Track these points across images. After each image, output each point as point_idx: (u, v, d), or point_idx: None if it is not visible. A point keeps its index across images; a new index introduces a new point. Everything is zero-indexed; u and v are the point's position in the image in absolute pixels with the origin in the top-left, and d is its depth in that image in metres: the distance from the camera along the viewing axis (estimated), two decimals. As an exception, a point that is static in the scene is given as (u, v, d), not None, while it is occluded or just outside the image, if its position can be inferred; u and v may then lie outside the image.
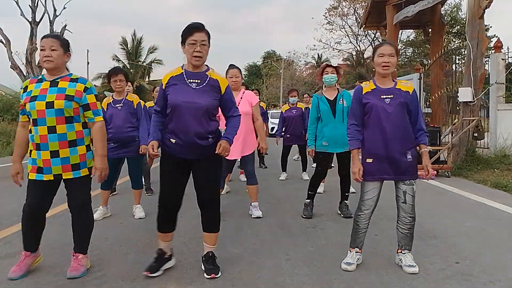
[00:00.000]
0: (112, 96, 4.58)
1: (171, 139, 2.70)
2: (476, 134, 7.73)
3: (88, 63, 26.70)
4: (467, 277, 2.80)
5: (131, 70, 33.71)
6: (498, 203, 5.01)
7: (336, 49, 28.31)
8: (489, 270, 2.90)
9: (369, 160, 2.93)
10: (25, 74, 21.32)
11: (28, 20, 21.27)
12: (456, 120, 8.99)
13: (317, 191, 6.97)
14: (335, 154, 4.58)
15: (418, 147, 2.96)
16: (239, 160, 4.61)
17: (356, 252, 3.07)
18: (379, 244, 3.50)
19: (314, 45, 43.59)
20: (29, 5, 21.22)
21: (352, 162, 3.04)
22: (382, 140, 2.86)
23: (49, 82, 2.79)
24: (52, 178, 2.77)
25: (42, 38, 2.83)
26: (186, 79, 2.70)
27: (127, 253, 3.31)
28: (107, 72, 4.65)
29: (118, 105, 4.47)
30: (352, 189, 4.98)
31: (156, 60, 36.35)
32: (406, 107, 2.88)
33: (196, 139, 2.66)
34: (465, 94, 7.88)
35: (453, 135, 8.26)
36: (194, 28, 2.63)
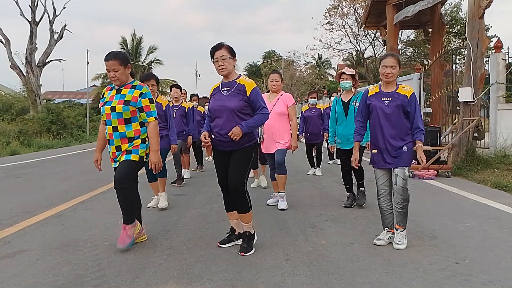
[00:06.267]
0: None
1: (212, 135, 3.38)
2: (476, 134, 7.71)
3: (88, 63, 26.47)
4: (467, 277, 2.79)
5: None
6: (498, 203, 5.01)
7: (336, 49, 28.29)
8: (489, 270, 2.90)
9: (374, 151, 3.51)
10: (24, 74, 21.32)
11: (28, 20, 21.28)
12: (456, 120, 8.97)
13: (317, 174, 7.57)
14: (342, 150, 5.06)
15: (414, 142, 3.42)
16: None
17: (387, 231, 3.51)
18: (379, 244, 3.49)
19: (314, 45, 43.54)
20: (29, 5, 21.24)
21: (353, 151, 3.71)
22: (381, 136, 3.43)
23: (115, 90, 3.47)
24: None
25: (105, 59, 3.34)
26: (221, 88, 3.38)
27: (126, 253, 3.31)
28: (140, 77, 5.07)
29: None
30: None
31: (156, 60, 36.39)
32: (402, 109, 3.36)
33: (224, 135, 3.26)
34: (465, 94, 7.87)
35: (453, 135, 8.25)
36: (213, 49, 3.30)
